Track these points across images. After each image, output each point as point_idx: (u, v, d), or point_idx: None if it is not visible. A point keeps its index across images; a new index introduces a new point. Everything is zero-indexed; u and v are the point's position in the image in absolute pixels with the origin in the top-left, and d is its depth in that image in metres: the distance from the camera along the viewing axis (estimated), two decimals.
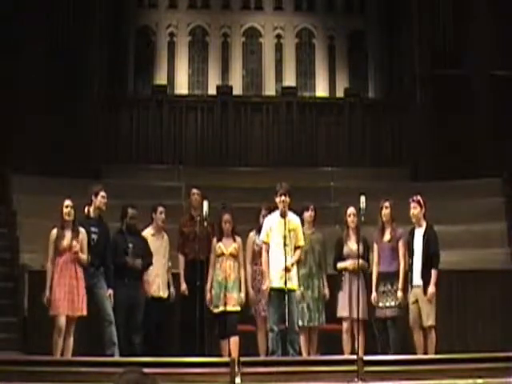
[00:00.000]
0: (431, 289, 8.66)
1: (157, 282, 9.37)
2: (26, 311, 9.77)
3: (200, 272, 9.21)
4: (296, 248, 8.54)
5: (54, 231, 8.53)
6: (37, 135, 12.51)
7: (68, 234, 8.51)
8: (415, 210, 8.93)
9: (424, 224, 8.95)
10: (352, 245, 9.16)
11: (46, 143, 12.57)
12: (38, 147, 12.44)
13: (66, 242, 8.45)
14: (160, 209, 9.56)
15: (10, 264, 10.40)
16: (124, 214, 9.35)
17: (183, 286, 9.41)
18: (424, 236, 8.88)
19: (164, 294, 9.40)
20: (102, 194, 8.98)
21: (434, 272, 8.72)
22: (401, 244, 9.02)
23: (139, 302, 9.17)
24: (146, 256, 9.27)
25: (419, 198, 8.99)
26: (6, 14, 12.67)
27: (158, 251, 9.43)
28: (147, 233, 9.52)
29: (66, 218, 8.49)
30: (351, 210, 9.18)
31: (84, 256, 8.54)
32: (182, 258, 9.58)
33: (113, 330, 8.71)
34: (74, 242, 8.45)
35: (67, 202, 8.55)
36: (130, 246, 9.18)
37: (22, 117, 12.49)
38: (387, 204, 9.12)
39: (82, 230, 8.61)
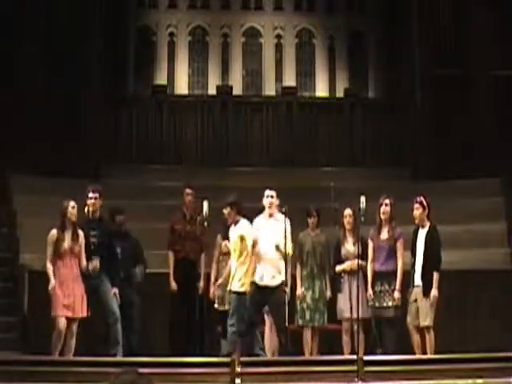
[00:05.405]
0: (434, 292, 8.50)
1: None
2: (25, 311, 9.78)
3: (191, 271, 9.21)
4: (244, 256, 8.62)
5: (54, 232, 8.45)
6: (37, 135, 12.50)
7: (68, 236, 8.45)
8: (418, 211, 8.77)
9: (427, 225, 8.79)
10: (349, 246, 9.15)
11: (45, 143, 12.57)
12: (38, 147, 12.43)
13: (66, 245, 8.41)
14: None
15: (10, 264, 10.39)
16: (111, 217, 9.38)
17: (173, 285, 9.34)
18: (426, 237, 8.74)
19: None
20: (90, 194, 8.88)
21: (435, 275, 8.54)
22: (399, 244, 8.92)
23: (133, 301, 9.17)
24: (138, 258, 9.35)
25: (422, 198, 8.82)
26: (5, 14, 12.67)
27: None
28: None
29: (73, 218, 8.44)
30: (348, 211, 9.16)
31: (84, 262, 8.52)
32: (171, 256, 9.50)
33: (118, 328, 8.67)
34: (77, 248, 8.43)
35: (72, 203, 8.49)
36: (118, 250, 9.17)
37: (22, 117, 12.48)
38: (387, 201, 9.00)
39: (80, 232, 8.55)
